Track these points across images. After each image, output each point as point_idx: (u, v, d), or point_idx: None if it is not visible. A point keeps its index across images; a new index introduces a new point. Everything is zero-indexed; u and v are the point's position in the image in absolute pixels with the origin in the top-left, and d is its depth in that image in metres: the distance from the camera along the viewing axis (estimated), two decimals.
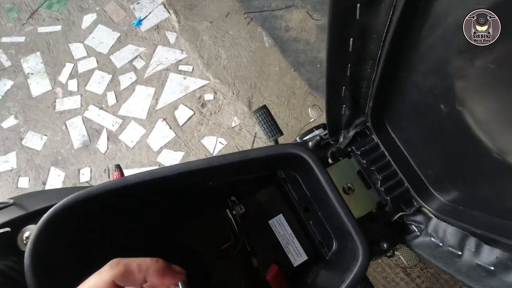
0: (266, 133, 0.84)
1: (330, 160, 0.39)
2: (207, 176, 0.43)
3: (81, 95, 1.40)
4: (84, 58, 1.45)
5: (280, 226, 0.50)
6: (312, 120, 0.83)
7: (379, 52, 0.28)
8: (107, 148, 1.35)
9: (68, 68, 1.44)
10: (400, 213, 0.37)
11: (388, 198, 0.36)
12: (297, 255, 0.48)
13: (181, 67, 1.44)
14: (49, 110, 1.40)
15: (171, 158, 1.32)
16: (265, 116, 0.91)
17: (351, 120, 0.38)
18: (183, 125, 1.37)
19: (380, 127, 0.34)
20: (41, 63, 1.45)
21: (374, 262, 1.18)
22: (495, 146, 0.22)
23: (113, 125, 1.37)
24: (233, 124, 1.36)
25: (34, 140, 1.36)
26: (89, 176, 1.31)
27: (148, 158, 1.33)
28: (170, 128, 1.37)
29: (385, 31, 0.25)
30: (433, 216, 0.35)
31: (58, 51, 1.47)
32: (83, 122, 1.37)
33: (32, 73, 1.46)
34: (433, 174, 0.31)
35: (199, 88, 1.41)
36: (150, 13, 1.51)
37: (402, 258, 1.10)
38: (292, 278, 0.48)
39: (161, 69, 1.44)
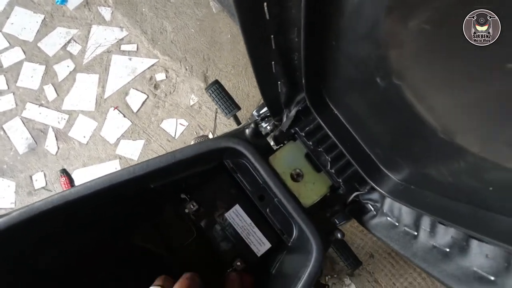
0: (222, 110, 0.78)
1: (274, 146, 0.35)
2: (140, 182, 0.37)
3: (13, 93, 1.23)
4: (6, 49, 1.26)
5: (238, 217, 0.46)
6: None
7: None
8: (58, 148, 1.23)
9: None
10: (355, 193, 0.34)
11: (340, 180, 0.33)
12: (260, 245, 0.46)
13: (124, 47, 1.30)
14: None
15: (132, 148, 1.23)
16: (218, 92, 0.84)
17: (291, 98, 0.33)
18: (137, 111, 1.26)
19: (321, 104, 0.29)
20: None
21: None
22: (440, 125, 0.18)
23: (59, 122, 1.24)
24: (192, 103, 1.27)
25: None
26: (44, 182, 1.21)
27: (106, 152, 1.23)
28: (124, 116, 1.26)
29: None
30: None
31: None
32: (23, 123, 1.23)
33: None
34: (381, 152, 0.28)
35: (148, 68, 1.29)
36: None
37: None
38: (257, 269, 0.46)
39: (101, 51, 1.28)
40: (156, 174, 0.34)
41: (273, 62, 0.28)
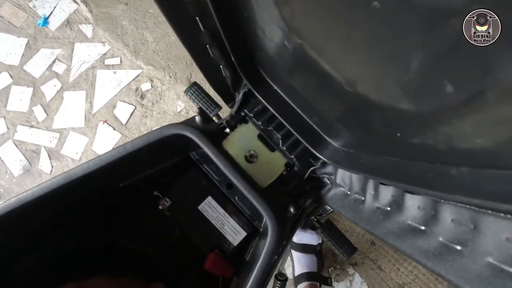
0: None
1: (228, 130, 0.35)
2: (105, 179, 0.38)
3: (4, 118, 1.25)
4: None
5: (211, 209, 0.46)
6: None
7: None
8: (52, 167, 1.24)
9: None
10: (311, 168, 0.34)
11: (293, 156, 0.33)
12: (235, 234, 0.46)
13: (107, 61, 1.32)
14: None
15: None
16: (198, 93, 0.85)
17: (236, 81, 0.33)
18: (126, 122, 1.28)
19: (259, 81, 0.30)
20: None
21: None
22: (343, 78, 0.18)
23: (50, 141, 1.25)
24: (179, 109, 1.28)
25: None
26: None
27: None
28: (114, 129, 1.27)
29: None
30: None
31: None
32: (16, 146, 1.25)
33: None
34: (318, 119, 0.28)
35: (133, 79, 1.30)
36: (55, 7, 1.34)
37: None
38: (235, 259, 0.46)
39: (86, 68, 1.30)
40: (116, 169, 0.34)
41: (207, 45, 0.29)
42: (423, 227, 0.21)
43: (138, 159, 0.36)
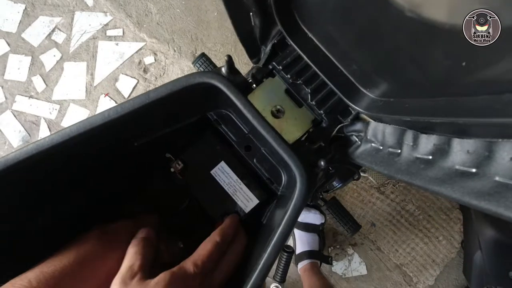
0: None
1: (253, 83, 0.34)
2: (122, 135, 0.36)
3: (1, 87, 1.22)
4: None
5: (223, 174, 0.45)
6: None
7: None
8: None
9: None
10: (339, 126, 0.33)
11: (322, 111, 0.32)
12: (247, 201, 0.45)
13: (109, 32, 1.27)
14: None
15: None
16: (207, 64, 0.82)
17: (265, 32, 0.32)
18: (129, 96, 1.25)
19: (295, 29, 0.28)
20: None
21: (350, 189, 1.22)
22: (406, 1, 0.17)
23: (50, 113, 1.23)
24: None
25: None
26: None
27: None
28: (116, 102, 1.25)
29: None
30: (371, 120, 0.31)
31: None
32: (15, 116, 1.22)
33: None
34: (358, 68, 0.26)
35: (136, 52, 1.27)
36: None
37: (371, 178, 1.13)
38: (247, 223, 0.45)
39: (87, 38, 1.26)
40: (135, 122, 0.33)
41: None
42: (474, 170, 0.20)
43: (158, 113, 0.35)
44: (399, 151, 0.27)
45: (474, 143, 0.21)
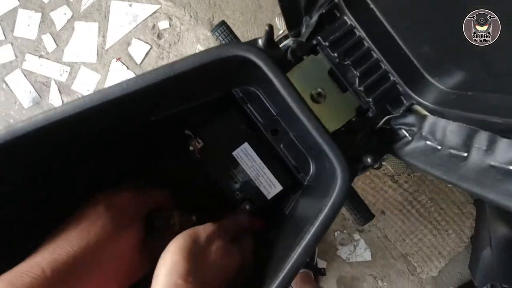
0: None
1: (292, 61, 0.29)
2: (139, 108, 0.33)
3: (11, 44, 1.18)
4: None
5: (246, 156, 0.42)
6: (281, 32, 0.70)
7: None
8: (62, 102, 1.20)
9: None
10: (387, 117, 0.29)
11: (370, 99, 0.27)
12: (270, 187, 0.42)
13: None
14: None
15: None
16: (226, 34, 0.76)
17: (312, 0, 0.26)
18: (141, 62, 1.20)
19: None
20: None
21: (363, 175, 1.18)
22: None
23: (61, 75, 1.19)
24: None
25: None
26: None
27: None
28: (128, 68, 1.20)
29: None
30: (428, 114, 0.26)
31: None
32: (25, 76, 1.18)
33: None
34: (429, 52, 0.22)
35: (150, 15, 1.20)
36: None
37: (390, 167, 1.09)
38: (268, 212, 0.43)
39: None
40: (155, 95, 0.29)
41: None
42: None
43: (180, 87, 0.31)
44: (465, 154, 0.23)
45: None
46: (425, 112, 0.27)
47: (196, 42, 1.20)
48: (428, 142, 0.26)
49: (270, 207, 0.42)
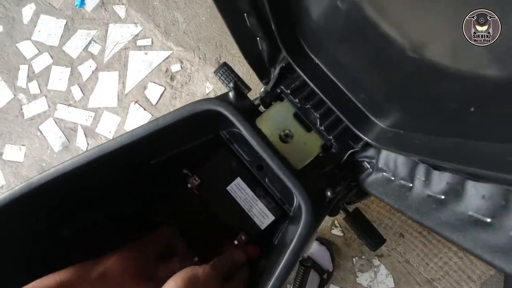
0: None
1: (262, 108, 0.33)
2: (137, 155, 0.38)
3: (45, 96, 1.33)
4: (36, 56, 1.36)
5: (239, 190, 0.46)
6: None
7: None
8: (87, 144, 1.31)
9: (23, 70, 1.36)
10: (350, 151, 0.31)
11: (331, 137, 0.31)
12: (263, 217, 0.45)
13: (139, 42, 1.33)
14: (19, 119, 1.35)
15: None
16: (228, 74, 0.83)
17: (273, 55, 0.31)
18: (156, 103, 1.30)
19: (300, 55, 0.27)
20: None
21: (376, 198, 1.15)
22: (407, 41, 0.16)
23: (86, 120, 1.31)
24: (207, 91, 1.28)
25: (13, 153, 1.33)
26: None
27: None
28: (145, 109, 1.31)
29: None
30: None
31: (8, 54, 1.37)
32: (56, 123, 1.32)
33: None
34: (366, 96, 0.25)
35: (163, 60, 1.32)
36: None
37: None
38: (262, 241, 0.45)
39: (119, 49, 1.33)
40: (148, 144, 0.34)
41: (245, 14, 0.27)
42: (488, 219, 0.18)
43: (170, 135, 0.36)
44: (411, 185, 0.25)
45: (490, 188, 0.19)
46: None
47: (205, 80, 1.29)
48: (384, 174, 0.28)
49: (262, 237, 0.45)
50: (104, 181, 0.37)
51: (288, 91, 0.31)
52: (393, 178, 0.27)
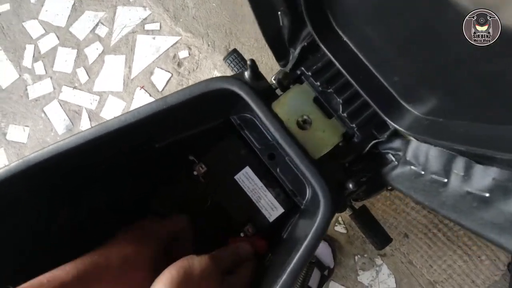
0: None
1: (279, 91, 0.31)
2: (141, 136, 0.36)
3: (51, 77, 1.31)
4: (43, 36, 1.33)
5: (248, 180, 0.43)
6: None
7: None
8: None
9: (29, 50, 1.34)
10: (373, 142, 0.29)
11: (354, 125, 0.28)
12: (271, 209, 0.42)
13: (147, 26, 1.30)
14: (23, 99, 1.33)
15: None
16: (237, 61, 0.80)
17: (295, 33, 0.28)
18: (162, 89, 1.28)
19: (327, 31, 0.25)
20: (1, 50, 1.35)
21: (382, 196, 1.13)
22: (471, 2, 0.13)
23: (91, 103, 1.30)
24: None
25: (17, 133, 1.32)
26: None
27: None
28: (150, 95, 1.28)
29: None
30: (411, 138, 0.27)
31: (14, 33, 1.35)
32: (61, 105, 1.30)
33: None
34: (401, 80, 0.22)
35: (171, 46, 1.29)
36: None
37: None
38: (270, 234, 0.43)
39: (127, 32, 1.30)
40: (153, 125, 0.32)
41: None
42: None
43: (177, 117, 0.33)
44: (446, 180, 0.23)
45: None
46: (410, 137, 0.27)
47: (213, 68, 1.26)
48: (412, 167, 0.26)
49: (270, 230, 0.42)
50: (108, 160, 0.35)
51: (309, 73, 0.29)
52: (423, 173, 0.25)
